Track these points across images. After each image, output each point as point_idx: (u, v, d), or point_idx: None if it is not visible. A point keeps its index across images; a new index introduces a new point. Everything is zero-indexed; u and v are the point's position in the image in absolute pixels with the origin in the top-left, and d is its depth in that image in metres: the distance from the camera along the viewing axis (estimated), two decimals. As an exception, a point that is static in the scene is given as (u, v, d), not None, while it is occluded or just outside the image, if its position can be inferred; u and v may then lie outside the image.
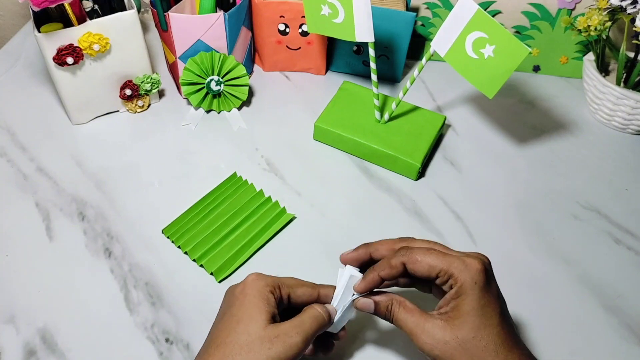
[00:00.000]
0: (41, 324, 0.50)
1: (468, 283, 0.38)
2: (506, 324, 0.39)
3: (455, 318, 0.38)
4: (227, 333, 0.39)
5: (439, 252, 0.40)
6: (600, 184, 0.65)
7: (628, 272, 0.56)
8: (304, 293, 0.43)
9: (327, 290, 0.44)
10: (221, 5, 0.70)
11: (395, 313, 0.41)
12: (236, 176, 0.63)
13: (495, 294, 0.39)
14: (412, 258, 0.40)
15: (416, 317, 0.40)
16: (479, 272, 0.38)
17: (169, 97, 0.74)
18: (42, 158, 0.64)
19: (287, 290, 0.43)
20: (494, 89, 0.54)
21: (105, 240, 0.56)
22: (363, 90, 0.70)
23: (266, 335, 0.38)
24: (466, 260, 0.39)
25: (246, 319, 0.39)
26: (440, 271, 0.39)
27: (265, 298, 0.40)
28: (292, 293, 0.43)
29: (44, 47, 0.59)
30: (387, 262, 0.41)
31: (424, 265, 0.39)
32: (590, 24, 0.66)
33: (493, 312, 0.38)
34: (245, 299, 0.40)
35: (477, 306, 0.38)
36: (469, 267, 0.39)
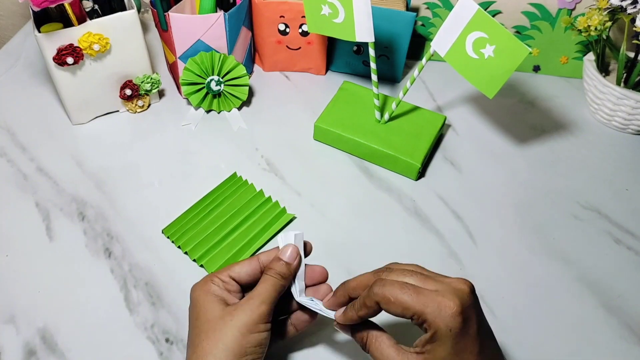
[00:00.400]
0: (41, 324, 0.50)
1: (442, 330, 0.36)
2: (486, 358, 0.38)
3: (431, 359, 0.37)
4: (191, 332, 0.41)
5: (413, 289, 0.37)
6: (600, 184, 0.65)
7: (628, 272, 0.56)
8: (242, 267, 0.44)
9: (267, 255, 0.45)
10: (221, 5, 0.70)
11: (372, 345, 0.40)
12: (236, 176, 0.63)
13: (474, 335, 0.37)
14: (386, 298, 0.37)
15: (393, 353, 0.38)
16: (454, 317, 0.36)
17: (169, 97, 0.74)
18: (42, 158, 0.64)
19: (226, 273, 0.44)
20: (494, 89, 0.54)
21: (105, 240, 0.56)
22: (363, 90, 0.70)
23: (225, 312, 0.41)
24: (441, 301, 0.36)
25: (202, 311, 0.41)
26: (413, 315, 0.37)
27: (208, 291, 0.42)
28: (231, 272, 0.44)
29: (44, 47, 0.59)
30: (363, 301, 0.39)
31: (398, 306, 0.37)
32: (591, 24, 0.66)
33: (470, 355, 0.37)
34: (194, 303, 0.43)
35: (452, 352, 0.36)
36: (443, 311, 0.36)
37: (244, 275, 0.44)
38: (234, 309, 0.41)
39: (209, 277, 0.44)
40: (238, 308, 0.41)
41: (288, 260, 0.43)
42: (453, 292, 0.37)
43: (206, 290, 0.42)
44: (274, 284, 0.42)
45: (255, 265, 0.44)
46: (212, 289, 0.42)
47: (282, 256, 0.43)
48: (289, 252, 0.44)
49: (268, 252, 0.45)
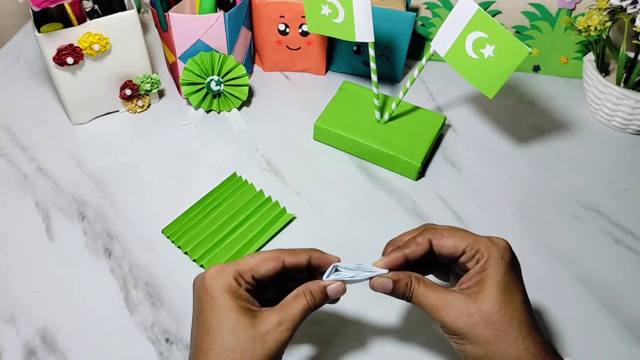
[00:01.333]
0: (41, 324, 0.50)
1: (495, 257, 0.38)
2: (529, 305, 0.39)
3: (479, 292, 0.38)
4: (212, 339, 0.37)
5: (464, 230, 0.40)
6: (600, 184, 0.65)
7: (628, 272, 0.56)
8: (267, 270, 0.40)
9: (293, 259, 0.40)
10: (221, 5, 0.70)
11: (415, 289, 0.40)
12: (236, 176, 0.63)
13: (519, 275, 0.40)
14: (439, 234, 0.40)
15: (437, 291, 0.39)
16: (506, 249, 0.39)
17: (169, 97, 0.74)
18: (42, 158, 0.64)
19: (250, 274, 0.39)
20: (494, 89, 0.54)
21: (105, 240, 0.56)
22: (363, 90, 0.70)
23: (257, 334, 0.37)
24: (492, 238, 0.40)
25: (229, 322, 0.37)
26: (467, 246, 0.39)
27: (235, 295, 0.38)
28: (256, 274, 0.39)
29: (44, 47, 0.59)
30: (413, 239, 0.40)
31: (451, 241, 0.39)
32: (590, 24, 0.66)
33: (517, 289, 0.39)
34: (216, 302, 0.38)
35: (502, 281, 0.38)
36: (496, 244, 0.39)
37: (267, 278, 0.40)
38: (266, 333, 0.37)
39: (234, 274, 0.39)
40: (270, 334, 0.37)
41: (330, 295, 0.40)
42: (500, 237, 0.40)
43: (234, 294, 0.38)
44: (305, 312, 0.39)
45: (279, 269, 0.40)
46: (240, 292, 0.38)
47: (329, 290, 0.40)
48: (335, 288, 0.40)
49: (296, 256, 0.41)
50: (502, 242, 0.40)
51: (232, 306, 0.37)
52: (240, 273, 0.39)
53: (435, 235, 0.40)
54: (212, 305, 0.38)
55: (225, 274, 0.39)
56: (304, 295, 0.39)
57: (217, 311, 0.37)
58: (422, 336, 0.50)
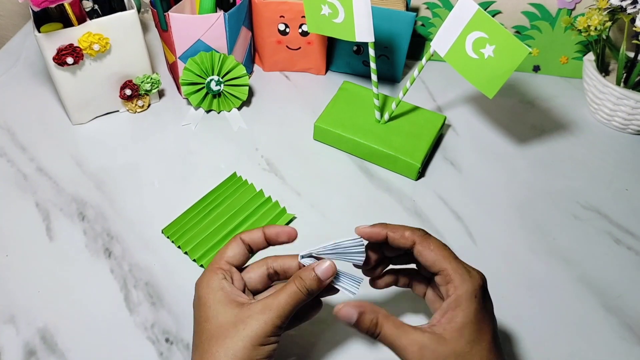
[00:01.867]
0: (41, 324, 0.50)
1: (468, 295, 0.38)
2: (497, 343, 0.39)
3: (452, 331, 0.37)
4: (200, 334, 0.39)
5: (450, 254, 0.40)
6: (600, 184, 0.65)
7: (628, 272, 0.56)
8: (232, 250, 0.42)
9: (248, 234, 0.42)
10: (221, 5, 0.70)
11: (384, 327, 0.38)
12: (236, 176, 0.63)
13: (490, 313, 0.39)
14: (426, 243, 0.40)
15: (409, 332, 0.37)
16: (479, 287, 0.39)
17: (169, 97, 0.74)
18: (42, 158, 0.64)
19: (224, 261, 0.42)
20: (494, 89, 0.54)
21: (105, 240, 0.56)
22: (363, 90, 0.70)
23: (238, 319, 0.38)
24: (471, 272, 0.39)
25: (212, 313, 0.39)
26: (444, 270, 0.39)
27: (218, 287, 0.40)
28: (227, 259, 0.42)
29: (44, 47, 0.59)
30: (403, 230, 0.41)
31: (432, 256, 0.40)
32: (590, 24, 0.66)
33: (487, 328, 0.38)
34: (203, 300, 0.40)
35: (474, 320, 0.37)
36: (473, 279, 0.39)
37: (238, 258, 0.42)
38: (248, 316, 0.38)
39: (212, 270, 0.41)
40: (252, 317, 0.38)
41: (322, 277, 0.40)
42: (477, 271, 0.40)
43: (214, 288, 0.40)
44: (296, 298, 0.39)
45: (241, 247, 0.42)
46: (221, 285, 0.40)
47: (317, 269, 0.40)
48: (325, 268, 0.40)
49: (249, 232, 0.43)
50: (477, 280, 0.39)
51: (216, 299, 0.39)
52: (216, 265, 0.42)
53: (422, 242, 0.40)
54: (200, 305, 0.40)
55: (205, 274, 0.41)
56: (293, 282, 0.39)
57: (203, 308, 0.40)
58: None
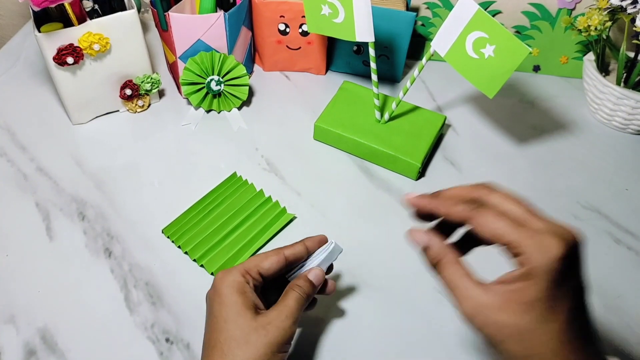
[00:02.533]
0: (41, 324, 0.50)
1: (540, 270, 0.31)
2: (576, 323, 0.34)
3: (518, 302, 0.32)
4: (219, 333, 0.40)
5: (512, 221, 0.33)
6: (600, 184, 0.65)
7: (628, 272, 0.56)
8: (271, 264, 0.44)
9: (292, 250, 0.45)
10: (221, 5, 0.70)
11: (446, 270, 0.35)
12: (236, 176, 0.63)
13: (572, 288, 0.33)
14: (477, 220, 0.34)
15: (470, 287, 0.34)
16: (557, 260, 0.31)
17: (169, 97, 0.74)
18: (42, 158, 0.64)
19: (256, 270, 0.43)
20: (495, 88, 0.54)
21: (105, 240, 0.56)
22: (363, 90, 0.70)
23: (259, 324, 0.40)
24: (544, 239, 0.32)
25: (233, 315, 0.40)
26: (508, 243, 0.33)
27: (241, 291, 0.41)
28: (261, 269, 0.43)
29: (44, 47, 0.59)
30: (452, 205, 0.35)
31: (488, 232, 0.33)
32: (591, 23, 0.66)
33: (563, 306, 0.32)
34: (223, 298, 0.41)
35: (545, 297, 0.32)
36: (545, 251, 0.31)
37: (272, 272, 0.44)
38: (268, 323, 0.40)
39: (241, 272, 0.42)
40: (272, 324, 0.40)
41: (315, 282, 0.44)
42: (559, 234, 0.32)
43: (240, 290, 0.41)
44: (301, 304, 0.42)
45: (282, 261, 0.44)
46: (245, 289, 0.41)
47: (310, 276, 0.44)
48: (316, 275, 0.44)
49: (293, 248, 0.45)
50: (554, 250, 0.31)
51: (237, 301, 0.41)
52: (246, 270, 0.43)
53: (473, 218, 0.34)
54: (219, 303, 0.41)
55: (232, 272, 0.42)
56: (293, 289, 0.43)
57: (223, 307, 0.41)
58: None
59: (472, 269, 0.35)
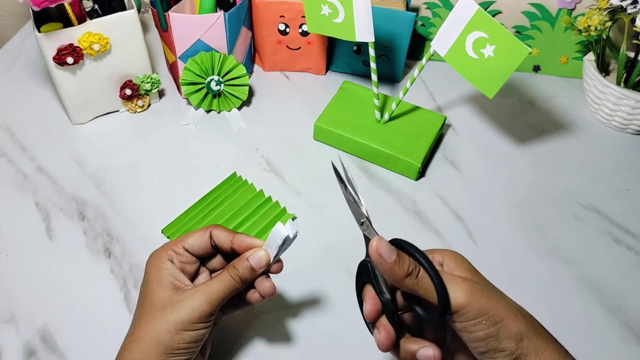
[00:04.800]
0: (41, 324, 0.50)
1: None
2: None
3: None
4: (137, 308, 0.41)
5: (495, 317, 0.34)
6: (600, 184, 0.65)
7: (628, 272, 0.56)
8: (195, 239, 0.42)
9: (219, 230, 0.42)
10: (221, 5, 0.70)
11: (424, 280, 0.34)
12: (236, 176, 0.63)
13: None
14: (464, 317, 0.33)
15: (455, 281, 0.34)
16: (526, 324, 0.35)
17: (169, 97, 0.74)
18: (42, 158, 0.64)
19: (180, 245, 0.42)
20: (494, 89, 0.54)
21: (105, 240, 0.56)
22: (363, 90, 0.70)
23: (169, 301, 0.39)
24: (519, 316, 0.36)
25: (149, 291, 0.40)
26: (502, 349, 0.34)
27: (158, 267, 0.41)
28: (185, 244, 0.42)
29: (44, 47, 0.59)
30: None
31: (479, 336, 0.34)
32: (591, 24, 0.66)
33: None
34: (145, 275, 0.42)
35: None
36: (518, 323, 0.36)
37: (196, 248, 0.42)
38: (178, 300, 0.39)
39: (165, 248, 0.42)
40: (182, 302, 0.39)
41: (255, 267, 0.40)
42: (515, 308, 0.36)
43: (159, 267, 0.41)
44: (229, 286, 0.40)
45: (206, 239, 0.42)
46: (166, 265, 0.41)
47: (250, 259, 0.40)
48: (259, 258, 0.40)
49: (222, 230, 0.42)
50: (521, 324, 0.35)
51: (154, 278, 0.41)
52: (171, 247, 0.42)
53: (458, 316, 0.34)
54: (145, 280, 0.41)
55: (159, 252, 0.42)
56: (227, 271, 0.40)
57: (144, 284, 0.41)
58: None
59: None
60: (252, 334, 0.50)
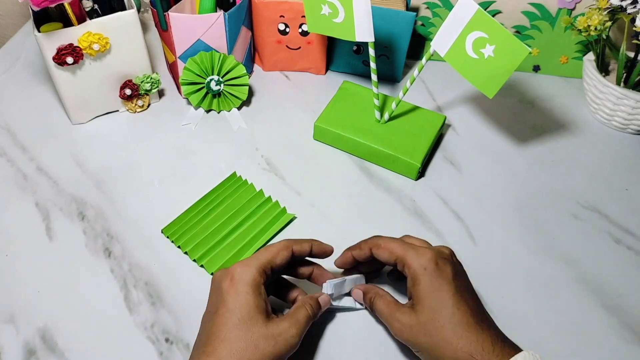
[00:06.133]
0: (41, 324, 0.50)
1: (418, 270, 0.43)
2: (463, 305, 0.42)
3: (416, 304, 0.43)
4: (229, 329, 0.40)
5: (401, 241, 0.45)
6: (600, 184, 0.65)
7: (628, 272, 0.56)
8: (282, 260, 0.45)
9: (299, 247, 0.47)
10: (221, 5, 0.70)
11: (375, 304, 0.46)
12: (236, 176, 0.63)
13: (449, 279, 0.43)
14: (376, 243, 0.46)
15: (391, 307, 0.45)
16: (429, 260, 0.43)
17: (169, 97, 0.74)
18: (42, 158, 0.64)
19: (269, 266, 0.44)
20: (494, 88, 0.54)
21: (105, 240, 0.56)
22: (363, 90, 0.70)
23: (269, 333, 0.41)
24: (420, 249, 0.44)
25: (246, 317, 0.41)
26: (397, 258, 0.44)
27: (258, 292, 0.42)
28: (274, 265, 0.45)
29: (43, 47, 0.59)
30: (359, 245, 0.48)
31: (385, 251, 0.45)
32: (591, 23, 0.66)
33: (446, 294, 0.42)
34: (239, 295, 0.42)
35: (429, 290, 0.42)
36: (420, 255, 0.43)
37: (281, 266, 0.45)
38: (279, 334, 0.41)
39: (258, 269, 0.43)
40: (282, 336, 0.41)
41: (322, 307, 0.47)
42: (432, 247, 0.45)
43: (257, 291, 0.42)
44: (308, 321, 0.44)
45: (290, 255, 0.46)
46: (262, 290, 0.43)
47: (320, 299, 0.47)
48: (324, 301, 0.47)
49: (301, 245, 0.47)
50: (426, 254, 0.43)
51: (253, 302, 0.41)
52: (262, 267, 0.44)
53: (374, 244, 0.46)
54: (236, 298, 0.41)
55: (250, 267, 0.43)
56: (304, 307, 0.45)
57: (240, 304, 0.41)
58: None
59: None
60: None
